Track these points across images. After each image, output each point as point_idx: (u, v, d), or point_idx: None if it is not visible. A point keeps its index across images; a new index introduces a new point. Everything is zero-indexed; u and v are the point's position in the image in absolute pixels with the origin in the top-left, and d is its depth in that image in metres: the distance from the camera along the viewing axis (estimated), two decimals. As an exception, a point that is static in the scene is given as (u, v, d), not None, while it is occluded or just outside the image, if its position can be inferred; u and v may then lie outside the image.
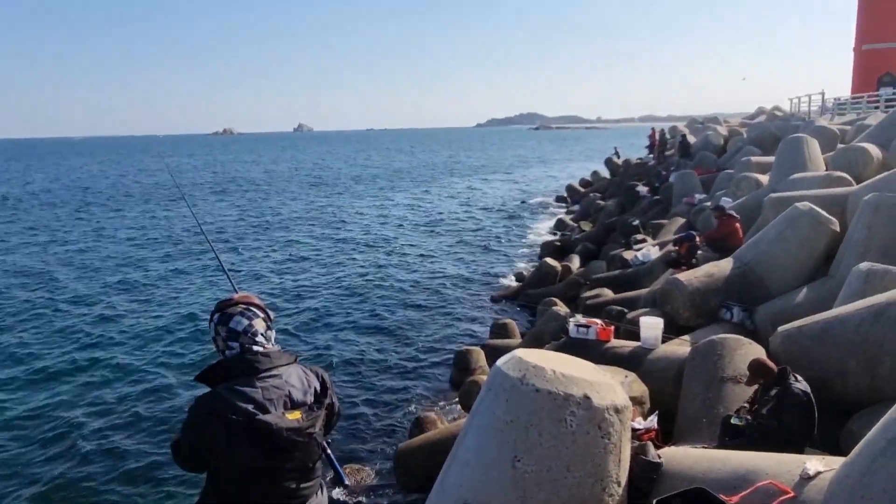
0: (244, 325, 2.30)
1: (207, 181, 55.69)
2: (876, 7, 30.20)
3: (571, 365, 3.15)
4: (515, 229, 26.88)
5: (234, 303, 2.35)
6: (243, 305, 2.35)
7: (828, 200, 9.43)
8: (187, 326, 13.89)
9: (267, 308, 2.44)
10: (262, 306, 2.40)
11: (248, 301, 2.37)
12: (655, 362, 6.73)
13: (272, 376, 2.22)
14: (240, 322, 2.30)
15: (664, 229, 15.81)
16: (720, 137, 25.98)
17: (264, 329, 2.35)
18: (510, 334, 11.77)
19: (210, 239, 3.88)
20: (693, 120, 43.96)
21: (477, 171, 64.23)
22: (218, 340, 2.32)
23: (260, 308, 2.38)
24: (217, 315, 2.33)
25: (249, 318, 2.32)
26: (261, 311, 2.37)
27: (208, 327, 2.38)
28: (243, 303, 2.36)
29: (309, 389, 2.31)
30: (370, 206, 35.77)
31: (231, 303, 2.35)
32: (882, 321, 5.31)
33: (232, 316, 2.31)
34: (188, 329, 13.70)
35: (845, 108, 28.63)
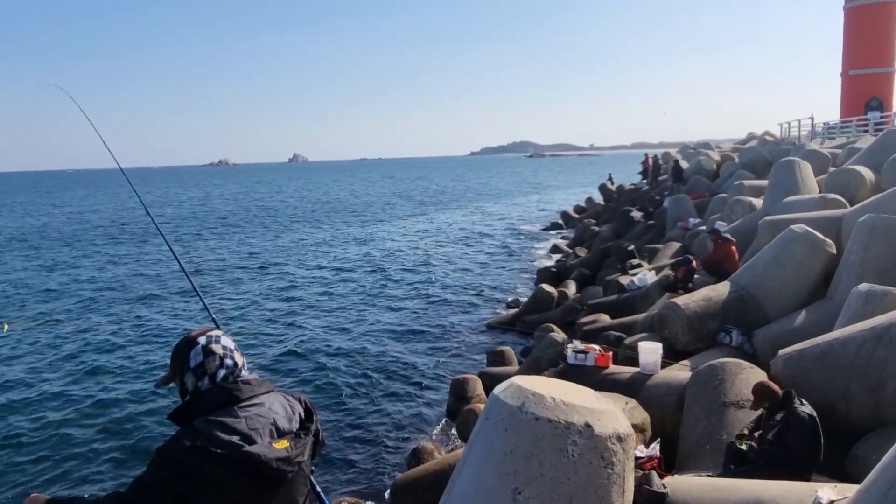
0: (234, 344, 2.21)
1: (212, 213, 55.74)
2: (861, 34, 30.73)
3: (571, 392, 3.06)
4: (511, 256, 26.85)
5: (201, 333, 2.21)
6: (214, 334, 2.21)
7: (823, 223, 9.43)
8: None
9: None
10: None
11: (214, 333, 2.24)
12: (655, 388, 6.62)
13: (254, 405, 2.08)
14: (229, 340, 2.21)
15: (659, 254, 15.79)
16: (713, 162, 26.16)
17: (240, 357, 2.22)
18: (507, 361, 11.64)
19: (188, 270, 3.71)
20: (685, 146, 44.36)
21: (471, 198, 64.48)
22: (210, 362, 2.13)
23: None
24: (203, 338, 2.17)
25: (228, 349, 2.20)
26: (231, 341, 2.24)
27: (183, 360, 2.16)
28: (212, 334, 2.22)
29: (293, 416, 2.17)
30: (364, 234, 35.75)
31: (200, 333, 2.21)
32: (884, 343, 5.24)
33: (219, 336, 2.20)
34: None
35: (835, 132, 28.93)
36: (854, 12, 31.10)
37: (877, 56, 30.60)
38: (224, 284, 21.83)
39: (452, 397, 10.38)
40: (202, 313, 16.94)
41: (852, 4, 31.11)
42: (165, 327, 16.36)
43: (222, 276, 23.38)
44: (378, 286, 21.25)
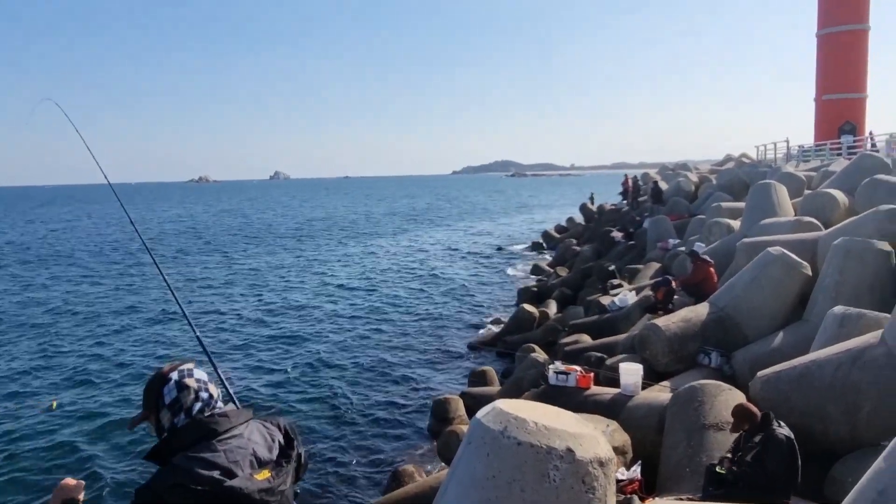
0: (207, 376, 2.16)
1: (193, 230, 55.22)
2: (833, 60, 31.57)
3: (553, 416, 3.06)
4: (492, 275, 26.90)
5: (172, 368, 2.15)
6: (186, 368, 2.15)
7: (799, 245, 9.59)
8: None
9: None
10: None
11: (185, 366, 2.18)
12: (636, 410, 6.65)
13: (233, 437, 2.03)
14: (202, 373, 2.16)
15: (640, 274, 15.93)
16: (691, 184, 26.56)
17: (215, 389, 2.18)
18: (489, 382, 11.62)
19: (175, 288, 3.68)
20: (664, 167, 45.00)
21: (453, 217, 64.64)
22: (185, 397, 2.09)
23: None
24: (174, 373, 2.12)
25: (202, 381, 2.15)
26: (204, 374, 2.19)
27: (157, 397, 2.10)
28: (184, 367, 2.16)
29: (273, 444, 2.13)
30: (346, 253, 35.63)
31: (171, 369, 2.15)
32: (859, 365, 5.33)
33: (192, 369, 2.15)
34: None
35: (809, 155, 29.57)
36: (826, 39, 31.96)
37: (848, 82, 31.42)
38: (209, 303, 21.58)
39: (434, 418, 10.32)
40: (187, 334, 16.79)
41: (824, 32, 31.98)
42: (151, 350, 16.13)
43: (207, 296, 23.12)
44: (360, 305, 21.14)
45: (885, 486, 2.19)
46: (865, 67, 31.74)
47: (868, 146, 24.86)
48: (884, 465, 2.26)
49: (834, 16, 31.51)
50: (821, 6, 32.33)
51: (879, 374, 5.14)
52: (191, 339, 16.43)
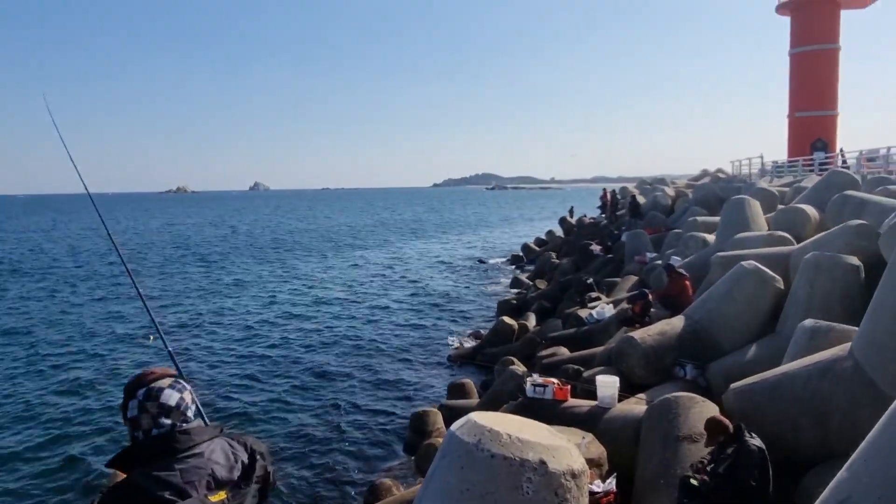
0: (177, 399, 2.09)
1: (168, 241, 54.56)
2: (805, 78, 32.32)
3: (527, 428, 3.09)
4: (472, 288, 26.93)
5: (158, 376, 2.13)
6: (170, 378, 2.14)
7: (771, 259, 9.76)
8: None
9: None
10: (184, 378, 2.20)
11: (169, 374, 2.16)
12: (612, 422, 6.69)
13: (193, 455, 2.01)
14: (171, 395, 2.08)
15: (617, 287, 16.07)
16: (668, 198, 26.91)
17: (191, 399, 2.15)
18: (467, 394, 11.61)
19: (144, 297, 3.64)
20: (642, 181, 45.52)
21: (433, 230, 64.70)
22: (144, 419, 2.05)
23: (185, 382, 2.17)
24: (142, 391, 2.08)
25: (180, 390, 2.12)
26: (188, 384, 2.17)
27: (124, 406, 2.09)
28: (168, 375, 2.15)
29: (236, 465, 2.09)
30: (324, 267, 35.45)
31: (153, 376, 2.13)
32: (829, 377, 5.43)
33: (162, 389, 2.09)
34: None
35: (783, 170, 30.14)
36: (798, 58, 32.73)
37: (820, 100, 32.16)
38: (187, 314, 21.31)
39: (412, 431, 10.28)
40: (160, 344, 16.55)
41: (797, 51, 32.75)
42: (123, 362, 15.87)
43: (185, 306, 22.83)
44: (338, 318, 21.03)
45: (847, 496, 2.24)
46: (836, 86, 32.52)
47: (839, 163, 25.42)
48: (847, 475, 2.32)
49: (806, 35, 32.31)
50: (793, 26, 33.13)
51: (847, 387, 5.25)
52: (161, 350, 16.22)
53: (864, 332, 5.50)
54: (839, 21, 32.21)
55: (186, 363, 15.34)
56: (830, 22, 32.02)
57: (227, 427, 2.23)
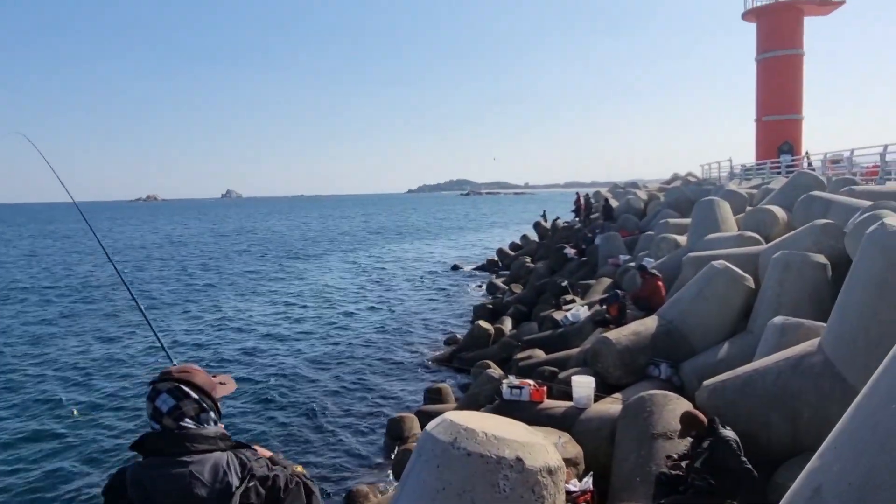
0: (169, 407, 2.04)
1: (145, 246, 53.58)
2: (772, 83, 33.04)
3: (503, 426, 3.08)
4: (448, 293, 26.92)
5: (168, 377, 2.09)
6: (174, 383, 2.09)
7: (741, 259, 9.92)
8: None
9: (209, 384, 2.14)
10: (199, 385, 2.11)
11: (184, 377, 2.11)
12: (588, 422, 6.72)
13: (179, 462, 1.97)
14: (166, 401, 2.05)
15: (592, 289, 16.19)
16: (640, 201, 27.24)
17: (196, 412, 2.07)
18: (445, 399, 11.57)
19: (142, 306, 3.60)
20: (615, 185, 46.03)
21: (409, 236, 64.60)
22: (148, 413, 2.08)
23: (196, 387, 2.09)
24: (149, 388, 2.09)
25: (178, 397, 2.06)
26: (195, 391, 2.08)
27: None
28: (180, 379, 2.09)
29: (220, 485, 1.99)
30: (298, 273, 35.14)
31: (165, 376, 2.09)
32: (799, 373, 5.52)
33: (159, 393, 2.06)
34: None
35: (751, 173, 30.73)
36: (764, 63, 33.45)
37: (786, 104, 32.89)
38: (162, 321, 20.90)
39: (389, 437, 10.21)
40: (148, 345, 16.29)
41: (763, 56, 33.47)
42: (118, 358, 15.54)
43: (161, 313, 22.40)
44: (314, 324, 20.85)
45: (819, 484, 2.27)
46: (801, 90, 33.30)
47: (805, 165, 25.99)
48: (818, 464, 2.34)
49: (771, 41, 33.04)
50: (759, 32, 33.87)
51: (817, 381, 5.34)
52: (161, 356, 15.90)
53: (832, 327, 5.62)
54: (803, 27, 33.03)
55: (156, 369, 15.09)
56: (794, 28, 32.82)
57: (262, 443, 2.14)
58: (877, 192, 11.53)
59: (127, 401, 13.14)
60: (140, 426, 11.16)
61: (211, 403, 2.13)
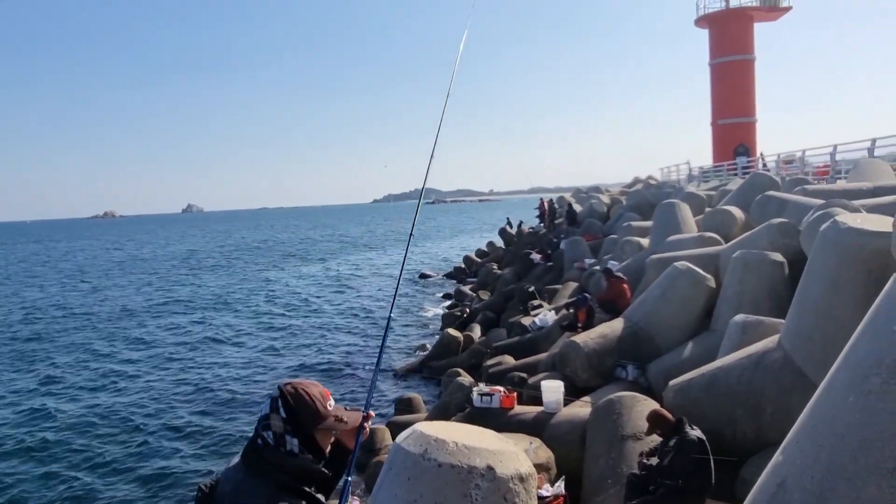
0: (262, 414, 1.98)
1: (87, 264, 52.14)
2: (725, 87, 33.94)
3: (473, 435, 3.07)
4: (416, 302, 26.86)
5: (282, 385, 2.01)
6: (280, 392, 1.99)
7: (702, 259, 10.13)
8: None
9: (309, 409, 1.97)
10: (293, 404, 1.95)
11: (288, 389, 1.99)
12: (559, 426, 6.76)
13: (240, 472, 1.93)
14: (264, 408, 1.98)
15: (558, 294, 16.33)
16: (603, 205, 27.64)
17: (281, 430, 1.93)
18: (416, 409, 11.51)
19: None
20: (578, 190, 46.65)
21: (374, 245, 64.35)
22: None
23: (290, 405, 1.95)
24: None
25: (273, 408, 1.96)
26: (286, 408, 1.95)
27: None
28: (285, 391, 1.99)
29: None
30: (264, 284, 34.66)
31: (285, 384, 2.01)
32: (760, 369, 5.65)
33: (269, 397, 2.00)
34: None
35: (709, 175, 31.46)
36: (718, 68, 34.34)
37: (740, 107, 33.80)
38: (119, 336, 20.37)
39: (360, 449, 10.09)
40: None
41: (716, 61, 34.36)
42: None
43: (118, 328, 21.82)
44: (280, 336, 20.57)
45: (783, 479, 2.32)
46: (754, 94, 34.27)
47: (760, 166, 26.72)
48: (781, 458, 2.39)
49: (723, 47, 33.96)
50: (711, 38, 34.77)
51: (778, 377, 5.47)
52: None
53: (791, 324, 5.77)
54: (753, 33, 34.03)
55: (113, 382, 14.72)
56: (745, 34, 33.79)
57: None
58: (828, 191, 11.89)
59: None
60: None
61: (298, 429, 1.96)
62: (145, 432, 12.16)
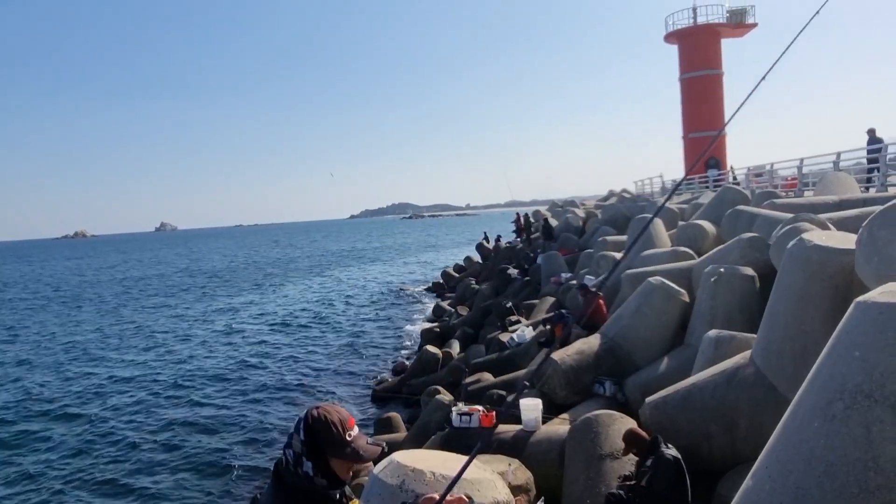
0: (289, 433, 2.06)
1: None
2: (695, 101, 34.64)
3: (451, 463, 3.08)
4: (394, 318, 26.78)
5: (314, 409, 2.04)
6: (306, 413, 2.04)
7: (676, 274, 10.27)
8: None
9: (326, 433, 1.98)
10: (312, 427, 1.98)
11: (312, 411, 2.03)
12: (538, 445, 6.78)
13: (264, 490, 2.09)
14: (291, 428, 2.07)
15: (536, 309, 16.41)
16: (579, 219, 27.90)
17: (299, 452, 1.98)
18: (395, 428, 11.44)
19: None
20: (554, 204, 47.05)
21: (352, 261, 64.07)
22: None
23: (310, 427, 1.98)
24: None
25: (297, 429, 2.02)
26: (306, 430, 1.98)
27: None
28: (309, 413, 2.03)
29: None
30: (239, 304, 34.26)
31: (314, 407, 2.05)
32: (734, 385, 5.74)
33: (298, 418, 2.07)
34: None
35: (681, 188, 31.97)
36: (687, 83, 35.05)
37: (710, 121, 34.47)
38: (92, 361, 19.94)
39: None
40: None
41: (686, 76, 35.08)
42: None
43: (89, 355, 21.36)
44: (256, 355, 20.33)
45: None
46: (723, 108, 34.99)
47: (731, 179, 27.23)
48: (751, 483, 2.44)
49: (692, 62, 34.72)
50: (680, 54, 35.52)
51: (751, 392, 5.56)
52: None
53: (762, 339, 5.87)
54: (720, 49, 34.83)
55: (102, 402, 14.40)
56: (713, 50, 34.58)
57: None
58: (796, 205, 12.15)
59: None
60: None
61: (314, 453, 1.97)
62: (137, 450, 11.98)
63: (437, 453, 3.25)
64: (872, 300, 2.37)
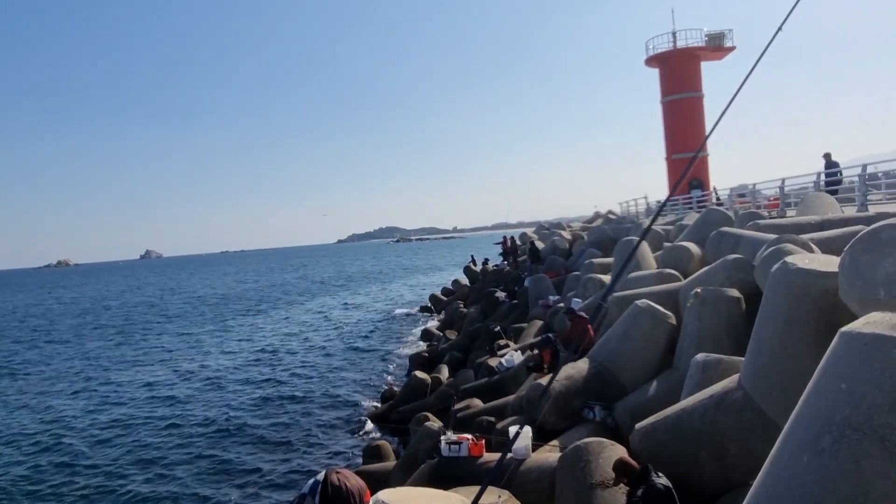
0: (299, 493, 2.01)
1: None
2: (677, 123, 35.14)
3: (438, 502, 3.01)
4: (383, 344, 26.58)
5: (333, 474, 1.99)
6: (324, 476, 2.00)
7: (662, 296, 10.28)
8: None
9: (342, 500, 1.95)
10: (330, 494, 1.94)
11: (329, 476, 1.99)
12: (528, 473, 6.69)
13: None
14: (304, 487, 2.02)
15: (524, 332, 16.37)
16: (566, 242, 28.00)
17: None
18: (384, 457, 11.28)
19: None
20: (540, 226, 47.27)
21: (340, 286, 63.77)
22: None
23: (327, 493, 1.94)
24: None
25: (311, 491, 1.98)
26: (321, 498, 1.95)
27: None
28: (331, 481, 1.98)
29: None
30: (226, 330, 33.91)
31: (332, 471, 2.00)
32: (723, 409, 5.71)
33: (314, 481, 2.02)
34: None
35: (666, 209, 32.24)
36: (669, 105, 35.58)
37: (692, 142, 34.92)
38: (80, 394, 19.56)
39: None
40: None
41: (668, 99, 35.60)
42: None
43: (74, 387, 20.96)
44: (243, 382, 20.07)
45: (745, 539, 2.33)
46: (704, 129, 35.46)
47: (714, 199, 27.50)
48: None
49: (673, 85, 35.29)
50: (661, 77, 36.10)
51: (740, 417, 5.53)
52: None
53: (749, 362, 5.86)
54: (700, 72, 35.45)
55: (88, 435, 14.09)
56: (693, 73, 35.18)
57: None
58: (779, 226, 12.25)
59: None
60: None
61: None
62: (136, 478, 11.66)
63: (423, 491, 3.19)
64: (857, 331, 2.37)
